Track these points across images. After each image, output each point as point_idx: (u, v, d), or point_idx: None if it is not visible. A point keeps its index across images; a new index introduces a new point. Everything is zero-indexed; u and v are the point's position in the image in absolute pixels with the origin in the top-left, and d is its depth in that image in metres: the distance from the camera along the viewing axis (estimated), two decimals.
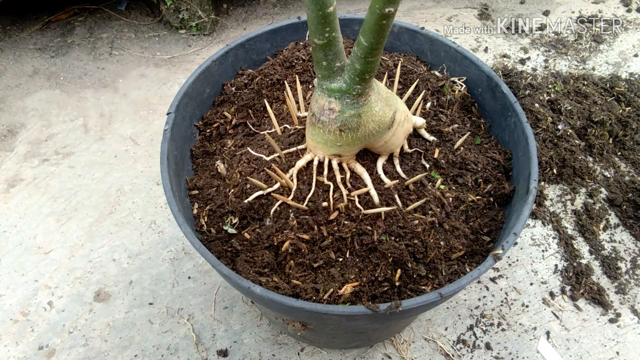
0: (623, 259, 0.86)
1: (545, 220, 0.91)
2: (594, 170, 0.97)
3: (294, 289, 0.46)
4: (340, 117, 0.44)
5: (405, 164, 0.54)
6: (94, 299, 0.80)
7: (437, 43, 0.65)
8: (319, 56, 0.41)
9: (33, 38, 1.24)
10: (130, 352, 0.74)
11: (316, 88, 0.45)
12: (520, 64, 1.19)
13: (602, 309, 0.80)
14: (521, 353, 0.75)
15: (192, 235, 0.47)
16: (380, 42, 0.38)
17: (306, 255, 0.47)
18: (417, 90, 0.61)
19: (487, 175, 0.55)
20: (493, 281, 0.83)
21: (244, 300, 0.80)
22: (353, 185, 0.50)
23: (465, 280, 0.45)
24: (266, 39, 0.66)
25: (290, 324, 0.53)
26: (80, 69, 1.17)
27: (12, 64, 1.19)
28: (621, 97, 1.05)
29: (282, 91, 0.61)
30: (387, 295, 0.47)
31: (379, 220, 0.48)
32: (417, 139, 0.56)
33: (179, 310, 0.79)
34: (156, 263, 0.84)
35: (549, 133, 0.95)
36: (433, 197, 0.51)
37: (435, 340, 0.76)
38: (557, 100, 1.00)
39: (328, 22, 0.38)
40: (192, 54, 1.22)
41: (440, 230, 0.50)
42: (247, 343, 0.75)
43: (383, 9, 0.34)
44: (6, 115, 1.07)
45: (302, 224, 0.48)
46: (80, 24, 1.28)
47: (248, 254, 0.50)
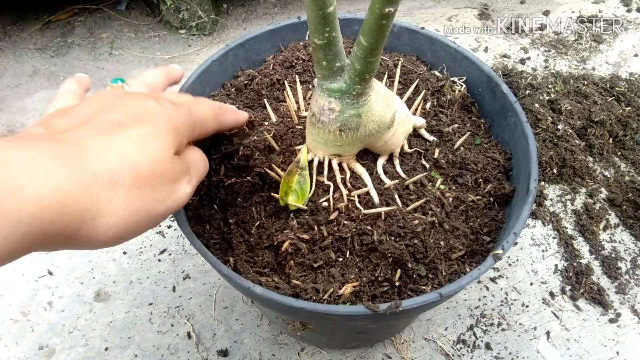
0: (623, 259, 0.86)
1: (545, 220, 0.91)
2: (594, 170, 0.97)
3: (294, 288, 0.46)
4: (340, 117, 0.44)
5: (405, 164, 0.54)
6: (94, 299, 0.80)
7: (437, 43, 0.65)
8: (319, 56, 0.41)
9: (33, 38, 1.24)
10: (130, 352, 0.74)
11: (316, 88, 0.45)
12: (520, 64, 1.19)
13: (602, 309, 0.80)
14: (521, 353, 0.75)
15: (192, 236, 0.47)
16: (380, 42, 0.38)
17: (306, 255, 0.47)
18: (417, 90, 0.61)
19: (487, 175, 0.55)
20: (493, 281, 0.83)
21: (244, 300, 0.80)
22: (353, 185, 0.50)
23: (465, 280, 0.45)
24: (266, 39, 0.66)
25: (290, 324, 0.53)
26: (80, 69, 1.17)
27: (12, 64, 1.19)
28: (621, 97, 1.05)
29: (282, 91, 0.61)
30: (387, 295, 0.47)
31: (379, 220, 0.48)
32: (417, 139, 0.56)
33: (179, 310, 0.79)
34: (156, 263, 0.84)
35: (549, 133, 0.95)
36: (433, 197, 0.51)
37: (435, 340, 0.76)
38: (557, 100, 1.00)
39: (328, 22, 0.38)
40: (192, 54, 1.22)
41: (440, 230, 0.50)
42: (247, 343, 0.75)
43: (383, 8, 0.34)
44: (6, 115, 1.07)
45: (302, 224, 0.48)
46: (80, 24, 1.28)
47: (248, 254, 0.50)
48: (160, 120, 0.35)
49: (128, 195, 0.31)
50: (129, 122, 0.34)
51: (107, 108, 0.35)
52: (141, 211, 0.32)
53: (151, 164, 0.33)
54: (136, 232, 0.33)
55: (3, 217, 0.25)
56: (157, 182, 0.33)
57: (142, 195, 0.32)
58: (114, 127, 0.33)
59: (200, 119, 0.41)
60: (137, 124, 0.34)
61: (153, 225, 0.35)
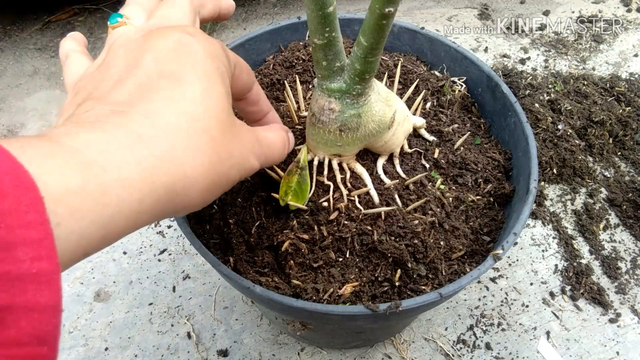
0: (623, 259, 0.86)
1: (545, 220, 0.91)
2: (594, 170, 0.97)
3: (294, 288, 0.46)
4: (340, 117, 0.44)
5: (405, 164, 0.54)
6: (94, 299, 0.80)
7: (437, 43, 0.65)
8: (318, 56, 0.41)
9: (33, 38, 1.24)
10: (130, 352, 0.74)
11: (316, 88, 0.45)
12: (520, 64, 1.19)
13: (602, 309, 0.80)
14: (521, 353, 0.75)
15: (192, 236, 0.47)
16: (380, 42, 0.38)
17: (306, 255, 0.47)
18: (417, 90, 0.61)
19: (487, 175, 0.55)
20: (493, 281, 0.83)
21: (244, 300, 0.80)
22: (353, 185, 0.50)
23: (465, 280, 0.45)
24: (266, 39, 0.66)
25: (290, 324, 0.53)
26: None
27: (12, 64, 1.19)
28: (621, 97, 1.05)
29: (282, 91, 0.61)
30: (387, 295, 0.47)
31: (379, 220, 0.48)
32: (417, 139, 0.56)
33: (179, 310, 0.79)
34: (156, 263, 0.84)
35: (549, 133, 0.95)
36: (433, 197, 0.51)
37: (436, 340, 0.76)
38: (557, 100, 1.00)
39: (328, 22, 0.38)
40: None
41: (440, 230, 0.50)
42: (247, 343, 0.75)
43: (383, 8, 0.34)
44: (6, 115, 1.07)
45: (302, 224, 0.48)
46: (80, 24, 1.28)
47: (248, 254, 0.50)
48: (207, 65, 0.32)
49: (205, 160, 0.30)
50: (179, 73, 0.31)
51: (147, 62, 0.31)
52: (221, 173, 0.32)
53: (217, 124, 0.31)
54: (216, 196, 0.33)
55: (92, 202, 0.24)
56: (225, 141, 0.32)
57: (219, 155, 0.31)
58: (172, 82, 0.30)
59: (235, 59, 0.37)
60: (188, 75, 0.31)
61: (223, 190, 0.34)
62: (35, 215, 0.20)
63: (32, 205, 0.20)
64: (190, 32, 0.33)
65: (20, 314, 0.19)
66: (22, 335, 0.19)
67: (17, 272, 0.19)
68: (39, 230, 0.20)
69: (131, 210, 0.26)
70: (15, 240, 0.19)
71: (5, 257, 0.19)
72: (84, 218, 0.23)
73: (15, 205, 0.19)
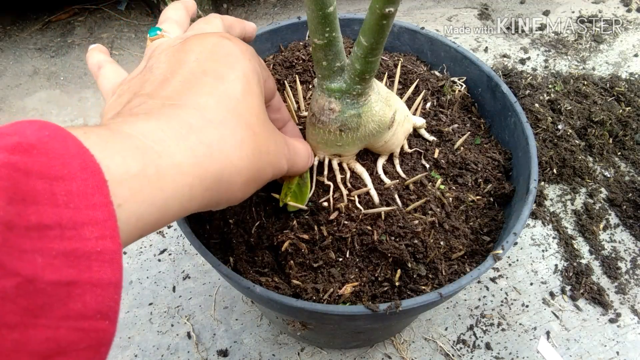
0: (623, 259, 0.86)
1: (545, 220, 0.91)
2: (594, 170, 0.97)
3: (294, 288, 0.46)
4: (340, 117, 0.44)
5: (405, 164, 0.54)
6: None
7: (437, 43, 0.65)
8: (319, 56, 0.41)
9: (33, 38, 1.24)
10: (130, 352, 0.74)
11: (316, 88, 0.45)
12: (520, 64, 1.19)
13: (602, 309, 0.80)
14: (521, 353, 0.75)
15: (192, 236, 0.47)
16: (380, 42, 0.38)
17: (306, 255, 0.47)
18: (417, 90, 0.61)
19: (487, 175, 0.55)
20: (493, 281, 0.83)
21: (244, 300, 0.80)
22: (353, 185, 0.50)
23: (465, 280, 0.45)
24: (266, 39, 0.66)
25: (290, 324, 0.53)
26: (80, 69, 1.17)
27: (12, 64, 1.19)
28: (621, 97, 1.05)
29: (282, 91, 0.61)
30: (387, 295, 0.47)
31: (379, 220, 0.48)
32: (417, 139, 0.56)
33: (179, 310, 0.79)
34: (156, 263, 0.84)
35: (549, 133, 0.95)
36: (433, 197, 0.51)
37: (436, 340, 0.76)
38: (557, 100, 1.00)
39: (328, 22, 0.38)
40: None
41: (440, 230, 0.50)
42: (247, 343, 0.75)
43: (383, 8, 0.34)
44: (6, 115, 1.07)
45: (302, 224, 0.48)
46: (80, 24, 1.28)
47: (248, 254, 0.50)
48: (245, 65, 0.34)
49: (249, 152, 0.32)
50: (221, 71, 0.32)
51: (190, 61, 0.33)
52: (260, 168, 0.34)
53: (257, 121, 0.33)
54: (251, 192, 0.34)
55: (150, 186, 0.25)
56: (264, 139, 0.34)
57: (260, 149, 0.33)
58: (215, 79, 0.32)
59: (263, 64, 0.39)
60: (229, 73, 0.33)
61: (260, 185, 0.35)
62: (100, 197, 0.21)
63: (97, 188, 0.21)
64: (227, 36, 0.35)
65: (85, 289, 0.20)
66: (87, 310, 0.20)
67: (84, 250, 0.20)
68: (103, 212, 0.21)
69: (183, 195, 0.27)
70: (82, 220, 0.20)
71: (74, 235, 0.20)
72: (143, 201, 0.24)
73: (82, 188, 0.21)
